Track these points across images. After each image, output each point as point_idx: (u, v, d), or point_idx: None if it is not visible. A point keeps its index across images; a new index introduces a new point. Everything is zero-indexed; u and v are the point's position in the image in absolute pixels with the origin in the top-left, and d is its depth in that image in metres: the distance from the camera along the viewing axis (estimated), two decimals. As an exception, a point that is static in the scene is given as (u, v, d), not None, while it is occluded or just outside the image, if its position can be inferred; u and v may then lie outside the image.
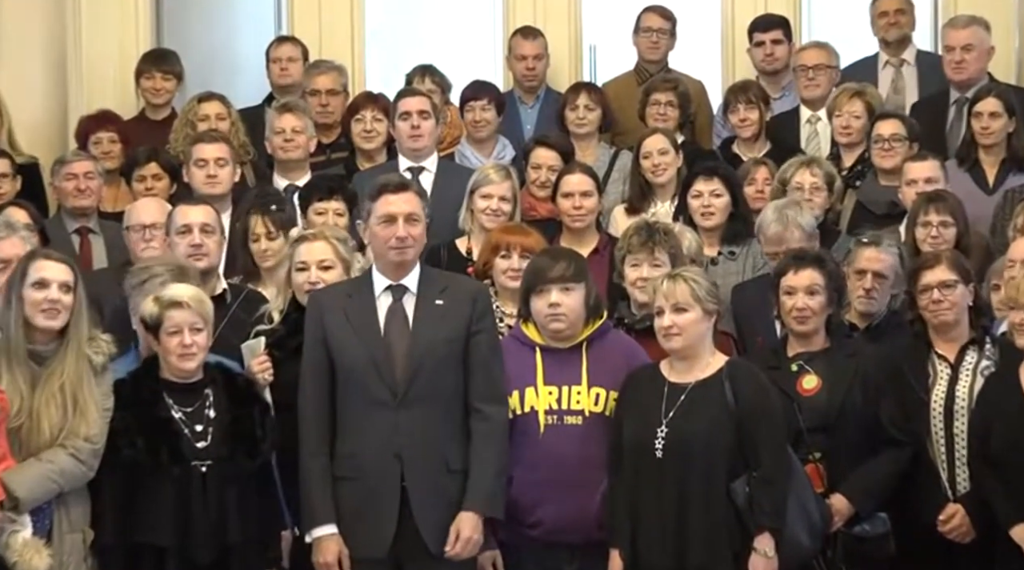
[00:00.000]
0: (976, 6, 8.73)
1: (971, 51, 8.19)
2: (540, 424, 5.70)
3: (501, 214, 7.11)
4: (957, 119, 8.22)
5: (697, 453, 5.47)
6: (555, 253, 6.03)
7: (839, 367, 5.88)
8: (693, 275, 5.68)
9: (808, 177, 7.27)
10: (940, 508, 5.88)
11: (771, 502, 5.46)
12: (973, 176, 7.68)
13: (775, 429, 5.53)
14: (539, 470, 5.64)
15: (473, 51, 9.50)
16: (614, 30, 9.44)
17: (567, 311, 5.73)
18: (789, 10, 9.28)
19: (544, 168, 7.67)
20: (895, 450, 5.83)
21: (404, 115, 7.75)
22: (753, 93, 8.28)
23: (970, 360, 5.99)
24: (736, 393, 5.53)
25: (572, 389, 5.72)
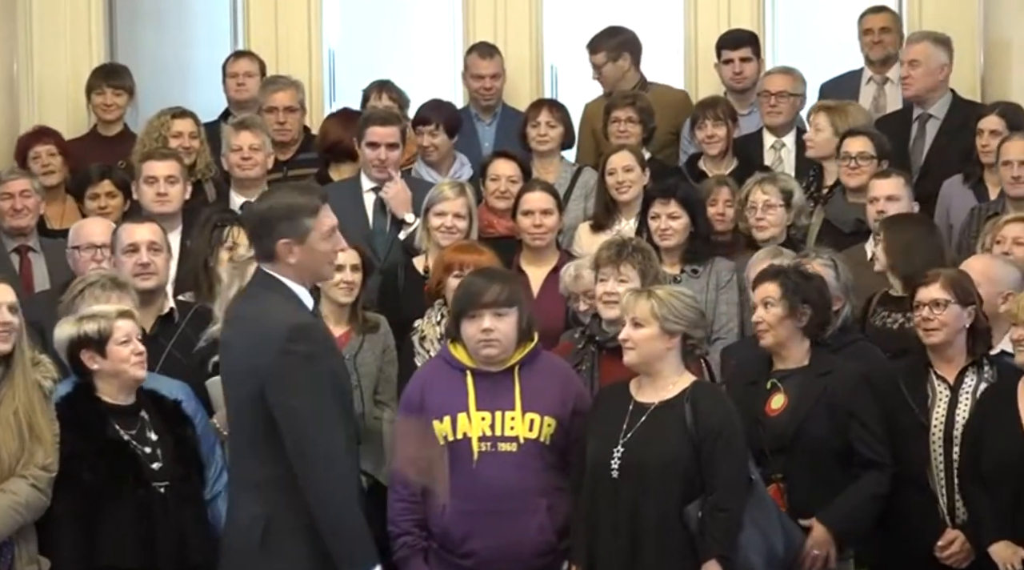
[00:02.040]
0: (940, 23, 8.71)
1: (917, 67, 8.15)
2: (473, 452, 5.58)
3: (456, 231, 7.01)
4: (919, 135, 8.18)
5: (651, 474, 5.39)
6: (489, 275, 5.85)
7: (807, 386, 5.80)
8: (665, 293, 5.59)
9: (760, 195, 7.20)
10: (937, 534, 5.79)
11: (722, 529, 5.36)
12: (976, 193, 7.61)
13: (733, 455, 5.43)
14: (472, 500, 5.51)
15: (432, 67, 9.42)
16: (575, 49, 9.37)
17: (500, 336, 5.62)
18: (754, 26, 9.23)
19: (503, 179, 7.58)
20: (875, 473, 5.73)
21: (372, 144, 7.64)
22: (721, 109, 8.22)
23: (969, 383, 5.89)
24: (696, 415, 5.44)
25: (506, 415, 5.61)
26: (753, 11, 9.42)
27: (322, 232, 5.16)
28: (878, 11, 8.69)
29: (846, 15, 9.01)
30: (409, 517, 5.60)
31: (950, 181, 7.71)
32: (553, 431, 5.63)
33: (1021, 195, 7.23)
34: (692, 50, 9.50)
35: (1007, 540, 5.59)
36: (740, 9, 9.40)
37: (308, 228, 5.15)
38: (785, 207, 7.22)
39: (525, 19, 9.62)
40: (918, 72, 8.14)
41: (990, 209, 7.32)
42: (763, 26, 9.32)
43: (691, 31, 9.52)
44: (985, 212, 7.28)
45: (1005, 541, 5.60)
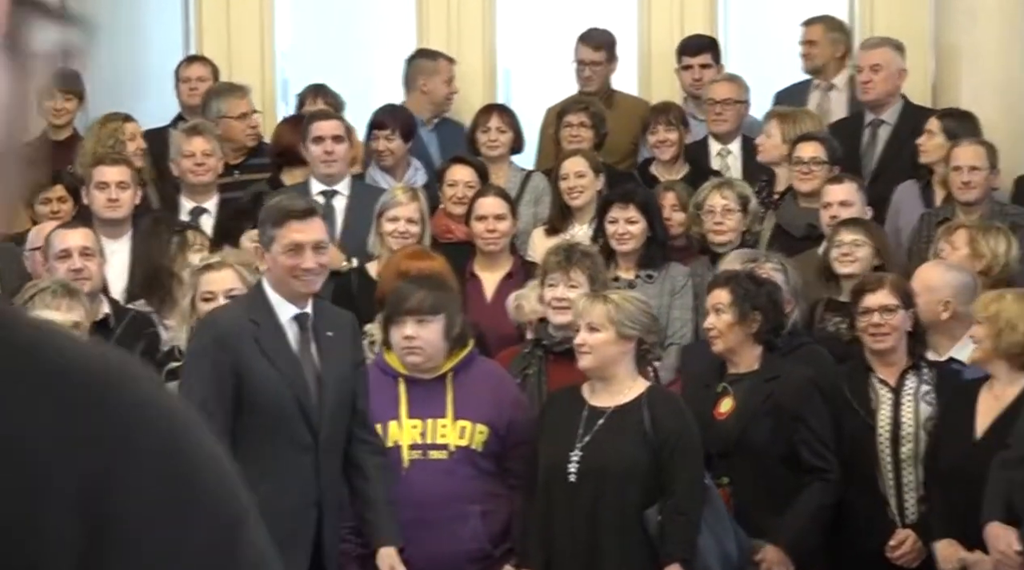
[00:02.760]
0: (892, 29, 8.73)
1: (879, 72, 8.17)
2: (404, 460, 5.57)
3: (409, 236, 6.98)
4: (871, 141, 8.20)
5: (610, 479, 5.39)
6: (418, 282, 5.86)
7: (755, 391, 5.82)
8: (620, 298, 5.61)
9: (719, 199, 7.20)
10: (887, 534, 5.81)
11: (683, 533, 5.37)
12: (924, 197, 7.66)
13: (691, 458, 5.45)
14: (404, 509, 5.45)
15: (386, 72, 9.39)
16: (529, 54, 9.36)
17: (423, 344, 5.60)
18: (708, 33, 9.23)
19: (460, 185, 7.55)
20: (820, 484, 5.74)
21: (317, 139, 7.60)
22: (673, 115, 8.23)
23: (911, 385, 5.94)
24: (654, 419, 5.44)
25: (437, 422, 5.60)
26: (707, 18, 9.44)
27: (283, 245, 5.16)
28: (812, 23, 8.70)
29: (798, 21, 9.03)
30: (346, 525, 5.56)
31: (903, 186, 7.74)
32: (486, 438, 5.62)
33: (970, 200, 7.26)
34: (646, 56, 9.50)
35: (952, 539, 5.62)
36: (694, 16, 9.41)
37: (271, 238, 5.19)
38: (742, 212, 7.24)
39: (478, 24, 9.60)
40: (879, 77, 8.16)
41: (940, 214, 7.35)
42: (717, 33, 9.33)
43: (645, 37, 9.52)
44: (935, 217, 7.31)
45: (949, 540, 5.63)
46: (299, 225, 5.20)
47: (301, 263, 5.17)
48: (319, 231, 5.27)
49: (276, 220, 5.23)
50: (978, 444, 5.60)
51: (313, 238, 5.22)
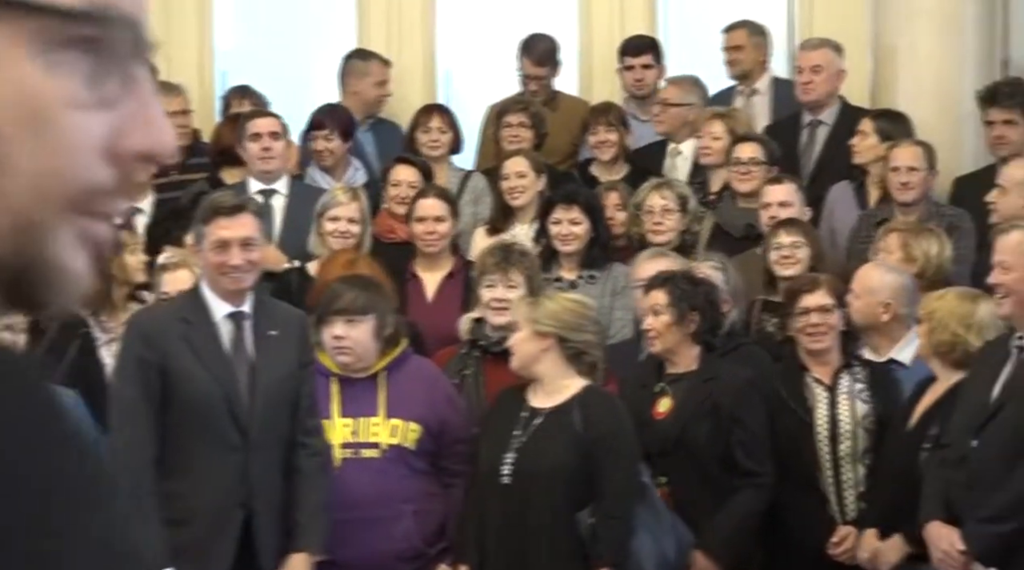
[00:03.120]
0: (831, 30, 8.78)
1: (820, 72, 8.21)
2: (336, 459, 5.56)
3: (350, 237, 6.95)
4: (809, 142, 8.24)
5: (542, 481, 5.39)
6: (349, 282, 5.86)
7: (693, 391, 5.83)
8: (545, 297, 5.65)
9: (658, 200, 7.22)
10: (829, 531, 5.85)
11: (613, 536, 5.37)
12: (858, 197, 7.71)
13: (623, 460, 5.45)
14: (335, 508, 5.44)
15: (326, 73, 9.36)
16: (469, 54, 9.35)
17: (352, 344, 5.61)
18: (648, 33, 9.23)
19: (404, 185, 7.54)
20: (752, 490, 5.76)
21: (254, 136, 7.58)
22: (613, 116, 8.25)
23: (846, 384, 5.99)
24: (586, 420, 5.45)
25: (369, 421, 5.61)
26: (647, 19, 9.46)
27: (211, 241, 5.16)
28: (733, 28, 8.74)
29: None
30: None
31: (837, 186, 7.78)
32: (419, 436, 5.63)
33: (908, 201, 7.30)
34: (587, 56, 9.52)
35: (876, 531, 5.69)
36: (634, 16, 9.43)
37: (201, 235, 5.21)
38: (681, 212, 7.26)
39: (418, 25, 9.58)
40: (820, 78, 8.20)
41: (878, 215, 7.39)
42: (657, 33, 9.34)
43: (585, 37, 9.54)
44: (874, 218, 7.35)
45: (874, 530, 5.70)
46: (226, 221, 5.18)
47: (228, 260, 5.15)
48: (247, 228, 5.23)
49: (205, 217, 5.24)
50: (906, 436, 5.65)
51: (240, 234, 5.18)
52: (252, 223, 5.27)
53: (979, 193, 7.62)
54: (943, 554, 5.19)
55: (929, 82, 8.23)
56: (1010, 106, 7.76)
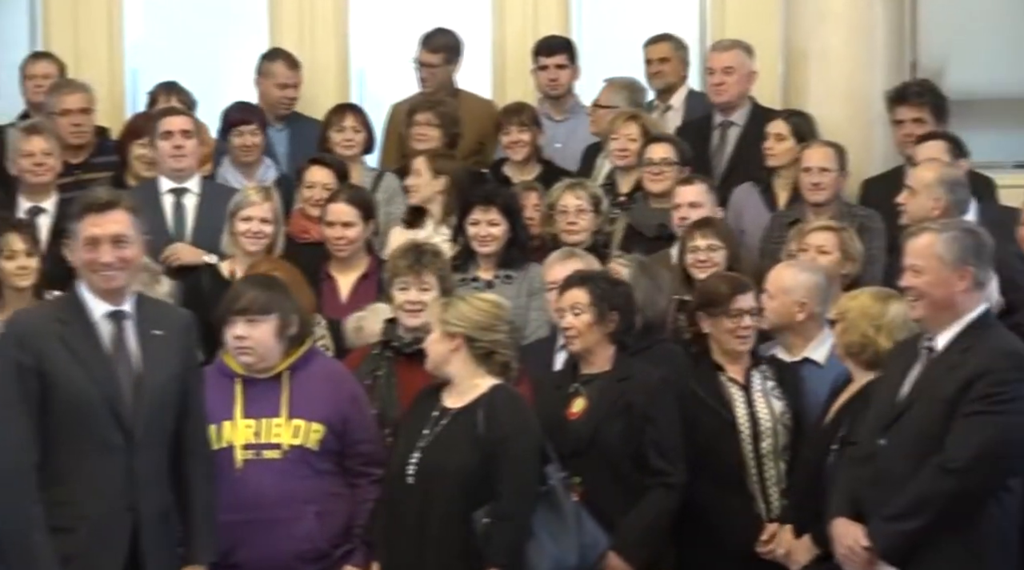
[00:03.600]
0: (743, 32, 8.82)
1: (731, 74, 8.26)
2: (237, 460, 5.53)
3: (263, 237, 6.92)
4: (720, 143, 8.28)
5: (442, 481, 5.39)
6: (252, 282, 5.84)
7: (607, 391, 5.84)
8: (458, 297, 5.65)
9: (572, 200, 7.23)
10: (757, 529, 5.88)
11: (504, 538, 5.36)
12: (766, 199, 7.76)
13: (521, 463, 5.43)
14: (236, 510, 5.41)
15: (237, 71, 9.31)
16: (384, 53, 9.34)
17: (253, 344, 5.58)
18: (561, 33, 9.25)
19: (318, 187, 7.50)
20: (662, 490, 5.77)
21: (166, 134, 7.51)
22: (526, 116, 8.25)
23: (758, 382, 6.03)
24: (489, 421, 5.43)
25: (271, 422, 5.58)
26: (560, 18, 9.48)
27: (81, 239, 5.04)
28: (657, 41, 8.78)
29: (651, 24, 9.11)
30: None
31: (740, 188, 7.82)
32: (322, 437, 5.60)
33: (820, 201, 7.36)
34: (500, 56, 9.53)
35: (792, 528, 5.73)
36: (548, 16, 9.45)
37: (74, 232, 5.07)
38: (594, 212, 7.27)
39: (331, 23, 9.56)
40: (732, 79, 8.26)
41: (790, 216, 7.44)
42: (570, 34, 9.36)
43: (499, 37, 9.55)
44: (786, 219, 7.40)
45: (789, 527, 5.74)
46: (96, 218, 5.03)
47: (98, 257, 5.01)
48: (119, 224, 5.06)
49: (77, 214, 5.08)
50: (819, 435, 5.70)
51: (111, 231, 5.04)
52: (125, 220, 5.07)
53: (887, 194, 7.68)
54: (847, 550, 5.22)
55: (839, 84, 8.29)
56: (919, 104, 7.85)
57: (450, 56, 8.88)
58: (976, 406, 4.99)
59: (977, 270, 5.13)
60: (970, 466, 4.96)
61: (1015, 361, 5.05)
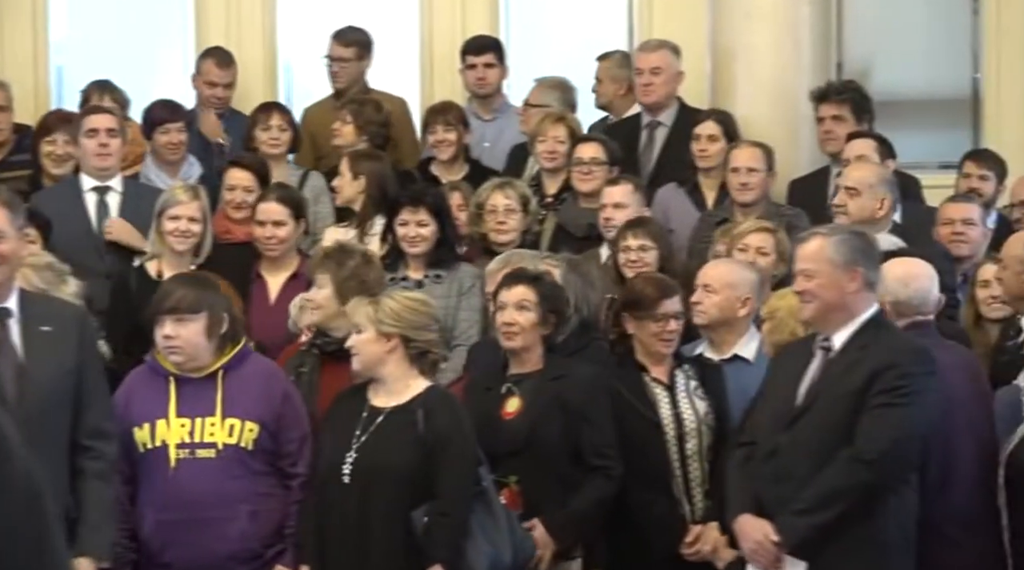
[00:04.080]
0: (670, 31, 8.86)
1: (659, 74, 8.28)
2: (171, 459, 5.50)
3: (191, 236, 6.89)
4: (648, 143, 8.30)
5: (381, 480, 5.38)
6: (180, 281, 5.82)
7: (541, 390, 5.84)
8: (386, 297, 5.59)
9: (502, 199, 7.23)
10: (682, 531, 5.89)
11: (446, 535, 5.36)
12: (693, 199, 7.77)
13: (459, 461, 5.44)
14: (170, 509, 5.40)
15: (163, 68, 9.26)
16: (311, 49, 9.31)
17: (182, 343, 5.54)
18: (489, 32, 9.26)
19: (239, 189, 7.45)
20: (600, 479, 5.78)
21: (91, 132, 7.45)
22: (453, 115, 8.22)
23: (682, 382, 6.04)
24: (428, 420, 5.43)
25: (206, 421, 5.53)
26: (488, 18, 9.47)
27: None
28: (605, 58, 8.78)
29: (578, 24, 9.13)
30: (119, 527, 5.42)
31: (666, 188, 7.83)
32: (256, 436, 5.57)
33: (748, 202, 7.40)
34: (427, 54, 9.52)
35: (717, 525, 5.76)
36: (475, 15, 9.45)
37: None
38: (523, 212, 7.27)
39: (258, 19, 9.52)
40: (660, 79, 8.27)
41: (718, 216, 7.47)
42: (498, 33, 9.37)
43: (426, 36, 9.54)
44: (714, 218, 7.43)
45: (715, 524, 5.76)
46: None
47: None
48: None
49: None
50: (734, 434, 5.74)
51: None
52: (4, 216, 4.96)
53: (813, 195, 7.76)
54: (755, 545, 5.25)
55: (766, 84, 8.33)
56: (840, 102, 7.91)
57: (362, 52, 8.85)
58: (883, 398, 5.03)
59: (867, 271, 5.19)
60: (883, 457, 5.01)
61: (919, 355, 5.13)
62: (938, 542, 5.26)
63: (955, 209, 7.23)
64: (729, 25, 8.49)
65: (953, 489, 5.36)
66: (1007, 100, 9.29)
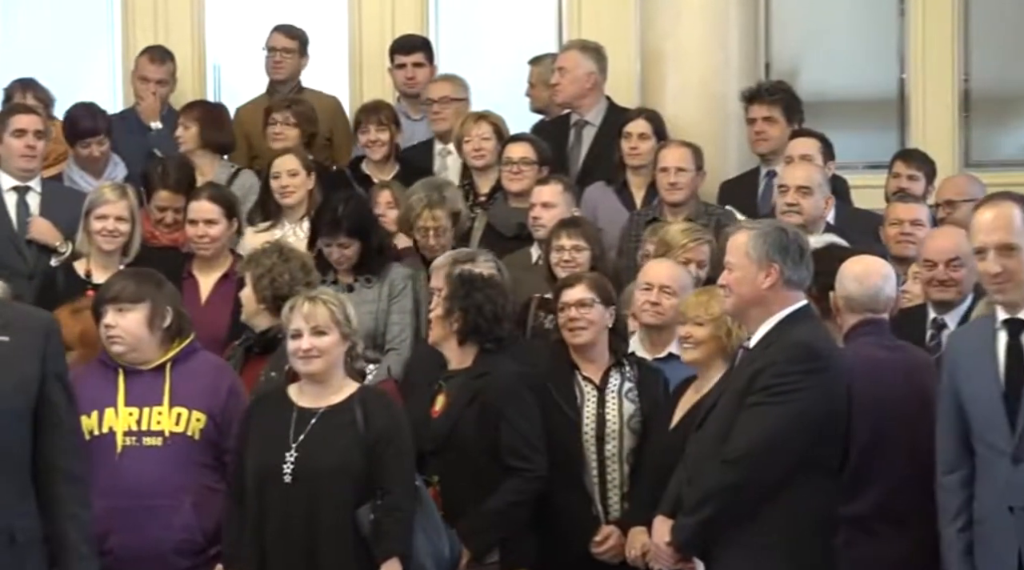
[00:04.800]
0: (599, 31, 8.89)
1: (565, 74, 8.29)
2: (117, 445, 5.50)
3: (118, 235, 6.88)
4: (576, 141, 8.33)
5: (326, 478, 5.36)
6: (124, 273, 5.87)
7: (464, 388, 5.84)
8: (333, 298, 5.58)
9: (430, 221, 7.08)
10: (592, 530, 5.89)
11: (399, 529, 5.37)
12: (621, 198, 7.78)
13: (403, 456, 5.45)
14: (114, 496, 5.34)
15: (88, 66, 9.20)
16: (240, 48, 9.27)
17: (122, 332, 5.56)
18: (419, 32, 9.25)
19: (169, 211, 7.36)
20: (516, 480, 5.78)
21: (18, 133, 7.40)
22: (384, 115, 8.20)
23: (615, 382, 6.03)
24: (367, 418, 5.42)
25: (153, 410, 5.54)
26: (418, 17, 9.47)
27: None
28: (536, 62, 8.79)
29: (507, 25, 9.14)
30: None
31: (593, 186, 7.85)
32: (203, 426, 5.57)
33: (678, 201, 7.42)
34: (357, 54, 9.51)
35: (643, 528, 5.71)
36: (404, 14, 9.44)
37: None
38: (452, 228, 7.16)
39: (187, 18, 9.48)
40: (565, 79, 8.29)
41: (648, 215, 7.49)
42: (427, 32, 9.37)
43: (356, 35, 9.52)
44: (644, 218, 7.45)
45: (640, 527, 5.73)
46: None
47: None
48: None
49: None
50: (670, 435, 5.73)
51: None
52: None
53: (743, 195, 7.80)
54: (653, 546, 5.34)
55: (695, 84, 8.36)
56: (771, 103, 7.95)
57: (303, 47, 8.84)
58: (756, 397, 5.00)
59: (784, 267, 5.08)
60: (744, 457, 4.95)
61: (797, 352, 5.03)
62: (865, 537, 5.28)
63: (904, 210, 7.27)
64: (658, 26, 8.52)
65: (882, 485, 5.37)
66: (933, 101, 9.38)
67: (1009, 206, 4.95)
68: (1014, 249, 4.90)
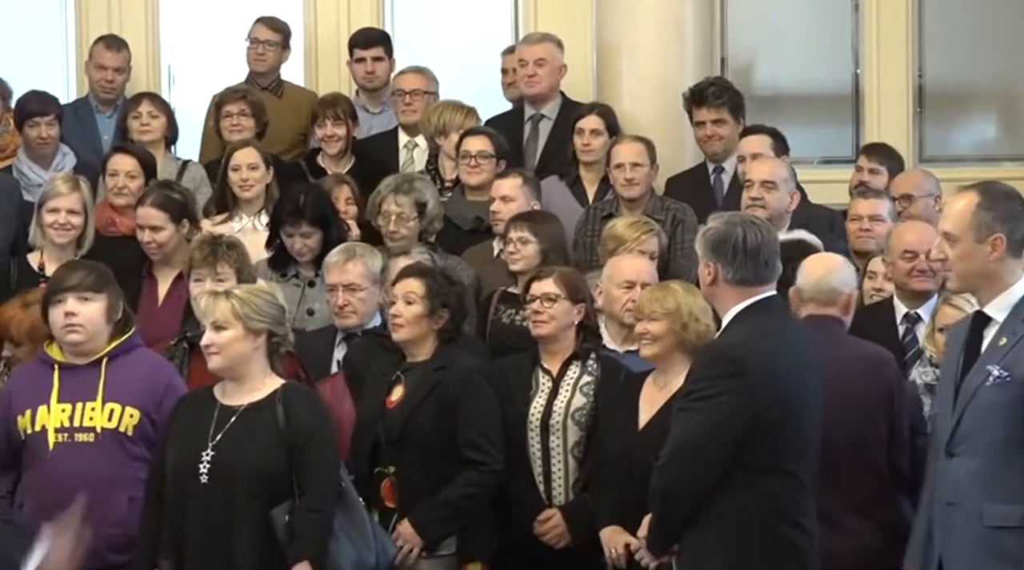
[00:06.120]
0: (555, 25, 8.89)
1: (543, 66, 8.29)
2: (49, 443, 5.47)
3: (71, 228, 6.84)
4: (532, 135, 8.32)
5: (243, 478, 5.27)
6: (76, 265, 5.83)
7: (424, 379, 5.83)
8: (244, 292, 5.44)
9: (393, 207, 7.07)
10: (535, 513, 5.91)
11: (313, 531, 5.27)
12: (574, 192, 7.78)
13: (325, 456, 5.35)
14: (47, 493, 5.33)
15: (42, 57, 9.14)
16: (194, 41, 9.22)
17: (84, 321, 5.53)
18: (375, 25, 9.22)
19: (121, 174, 7.38)
20: (471, 473, 5.77)
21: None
22: (341, 108, 8.17)
23: (572, 375, 6.03)
24: (288, 416, 5.33)
25: (86, 406, 5.52)
26: (373, 10, 9.45)
27: None
28: (511, 52, 8.77)
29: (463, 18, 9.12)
30: None
31: (548, 180, 7.83)
32: (137, 422, 5.53)
33: (633, 197, 7.42)
34: (312, 47, 9.48)
35: (616, 526, 5.71)
36: (360, 7, 9.42)
37: None
38: (419, 218, 7.13)
39: (141, 11, 9.44)
40: (544, 71, 8.28)
41: (605, 209, 7.49)
42: (383, 25, 9.34)
43: (311, 28, 9.50)
44: (600, 212, 7.45)
45: (614, 526, 5.72)
46: None
47: None
48: None
49: None
50: (641, 434, 5.70)
51: None
52: None
53: (691, 191, 7.79)
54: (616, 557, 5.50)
55: (651, 79, 8.37)
56: (718, 106, 7.94)
57: (285, 40, 8.81)
58: (680, 403, 4.99)
59: (720, 265, 4.94)
60: (666, 462, 4.91)
61: (710, 357, 4.97)
62: (829, 530, 5.27)
63: (864, 206, 7.30)
64: (613, 21, 8.52)
65: (840, 478, 5.40)
66: (887, 96, 9.42)
67: (971, 196, 4.91)
68: (954, 239, 4.88)
